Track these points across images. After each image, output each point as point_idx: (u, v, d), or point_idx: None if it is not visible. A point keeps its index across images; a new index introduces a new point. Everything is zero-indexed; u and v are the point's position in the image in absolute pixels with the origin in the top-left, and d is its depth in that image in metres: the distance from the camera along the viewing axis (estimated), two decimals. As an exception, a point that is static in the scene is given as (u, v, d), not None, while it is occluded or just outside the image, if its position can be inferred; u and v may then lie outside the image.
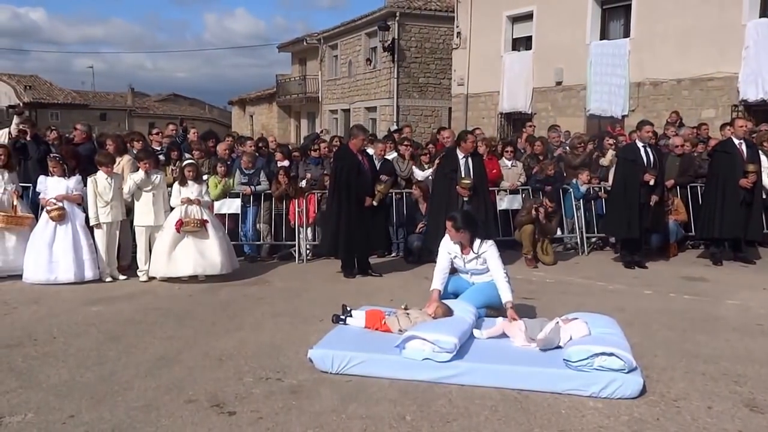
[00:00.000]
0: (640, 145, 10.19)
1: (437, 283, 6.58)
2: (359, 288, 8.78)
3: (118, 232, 9.32)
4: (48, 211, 9.01)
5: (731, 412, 4.84)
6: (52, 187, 9.12)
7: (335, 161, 9.59)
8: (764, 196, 10.97)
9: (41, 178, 9.26)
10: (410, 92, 29.00)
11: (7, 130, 10.83)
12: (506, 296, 6.34)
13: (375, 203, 9.20)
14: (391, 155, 11.64)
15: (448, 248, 6.72)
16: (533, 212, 10.22)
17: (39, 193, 9.28)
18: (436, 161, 10.73)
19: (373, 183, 9.26)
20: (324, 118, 35.38)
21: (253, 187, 10.78)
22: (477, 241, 6.63)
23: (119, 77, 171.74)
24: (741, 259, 10.64)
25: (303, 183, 11.30)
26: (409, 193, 11.02)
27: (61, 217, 8.90)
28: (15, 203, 9.24)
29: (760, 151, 10.91)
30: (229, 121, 51.82)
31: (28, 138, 10.47)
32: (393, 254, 11.19)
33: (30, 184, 9.92)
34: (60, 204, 8.97)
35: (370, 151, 10.74)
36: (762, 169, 10.60)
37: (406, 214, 11.02)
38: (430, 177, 10.94)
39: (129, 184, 9.23)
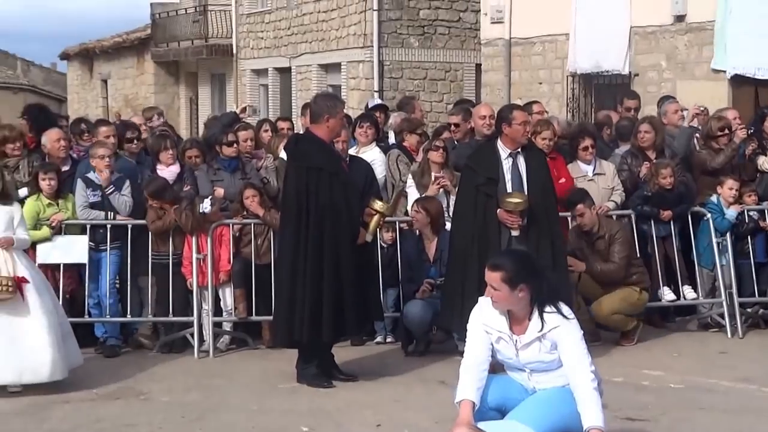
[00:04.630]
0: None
1: (468, 389, 4.74)
2: (316, 404, 6.69)
3: None
4: None
5: None
6: None
7: (291, 164, 7.17)
8: None
9: None
10: (404, 37, 21.83)
11: None
12: (591, 417, 4.50)
13: (368, 238, 7.13)
14: (370, 151, 8.52)
15: (485, 322, 4.88)
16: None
17: None
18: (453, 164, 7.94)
19: (360, 200, 7.05)
20: (243, 84, 26.91)
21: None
22: (540, 310, 4.76)
23: None
24: None
25: (207, 205, 8.09)
26: (407, 223, 8.15)
27: None
28: None
29: None
30: (62, 90, 34.42)
31: None
32: (378, 338, 8.21)
33: None
34: None
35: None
36: None
37: (400, 262, 8.06)
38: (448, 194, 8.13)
39: None
